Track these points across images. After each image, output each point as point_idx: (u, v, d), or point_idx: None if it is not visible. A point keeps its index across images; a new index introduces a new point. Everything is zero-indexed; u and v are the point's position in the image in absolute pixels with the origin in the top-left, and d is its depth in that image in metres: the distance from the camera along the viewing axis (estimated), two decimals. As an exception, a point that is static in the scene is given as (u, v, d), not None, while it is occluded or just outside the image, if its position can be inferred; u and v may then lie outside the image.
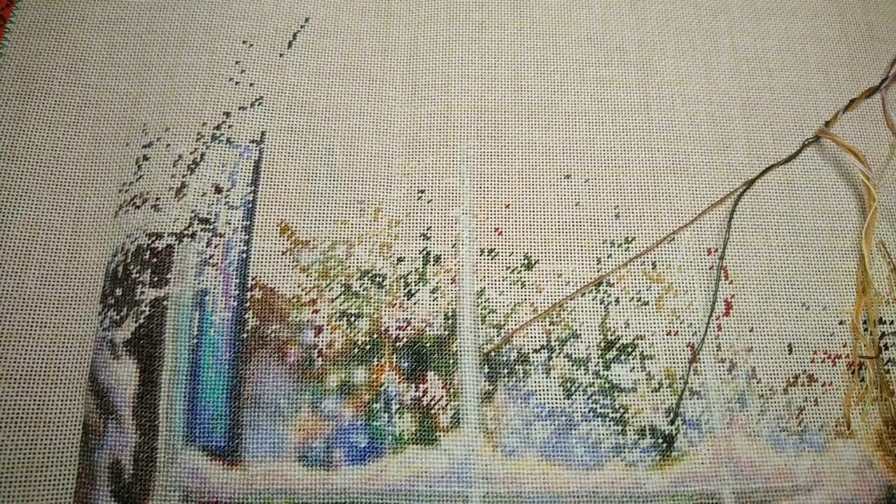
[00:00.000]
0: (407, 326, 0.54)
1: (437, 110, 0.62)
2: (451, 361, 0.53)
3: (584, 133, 0.61)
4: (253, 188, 0.57)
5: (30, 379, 0.52)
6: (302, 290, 0.54)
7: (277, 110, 0.60)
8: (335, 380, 0.52)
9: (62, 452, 0.51)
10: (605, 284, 0.56)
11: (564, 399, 0.52)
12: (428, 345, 0.53)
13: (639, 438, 0.51)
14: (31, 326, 0.53)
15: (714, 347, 0.54)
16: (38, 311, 0.54)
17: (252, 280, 0.54)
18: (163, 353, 0.52)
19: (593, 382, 0.53)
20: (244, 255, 0.55)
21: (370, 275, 0.55)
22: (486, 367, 0.53)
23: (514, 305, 0.55)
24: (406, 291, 0.55)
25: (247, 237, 0.56)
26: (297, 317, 0.54)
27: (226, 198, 0.57)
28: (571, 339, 0.54)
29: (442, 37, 0.65)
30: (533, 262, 0.56)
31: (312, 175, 0.58)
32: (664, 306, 0.55)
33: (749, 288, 0.56)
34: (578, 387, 0.53)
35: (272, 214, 0.57)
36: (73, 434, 0.52)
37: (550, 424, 0.52)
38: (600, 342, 0.54)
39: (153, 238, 0.55)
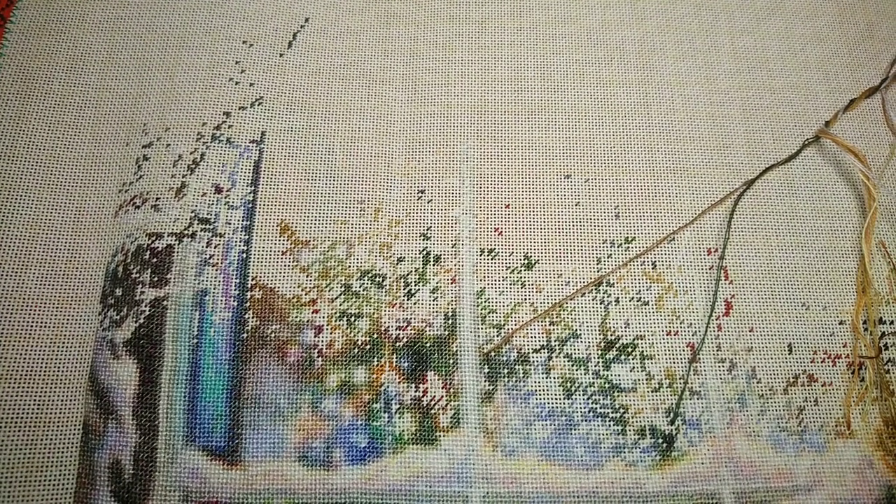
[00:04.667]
0: (407, 326, 0.54)
1: (437, 110, 0.62)
2: (451, 361, 0.53)
3: (584, 133, 0.61)
4: (253, 188, 0.57)
5: (30, 379, 0.52)
6: (302, 290, 0.54)
7: (277, 110, 0.60)
8: (335, 380, 0.52)
9: (62, 452, 0.51)
10: (605, 284, 0.56)
11: (564, 399, 0.52)
12: (428, 345, 0.53)
13: (639, 438, 0.51)
14: (31, 326, 0.53)
15: (714, 347, 0.54)
16: (37, 311, 0.54)
17: (252, 280, 0.54)
18: (163, 353, 0.52)
19: (593, 382, 0.53)
20: (244, 255, 0.55)
21: (370, 275, 0.55)
22: (486, 367, 0.53)
23: (514, 305, 0.55)
24: (406, 291, 0.55)
25: (247, 237, 0.56)
26: (297, 317, 0.54)
27: (226, 198, 0.57)
28: (571, 339, 0.54)
29: (442, 37, 0.65)
30: (533, 262, 0.56)
31: (312, 175, 0.58)
32: (664, 306, 0.55)
33: (749, 288, 0.56)
34: (578, 387, 0.53)
35: (272, 214, 0.57)
36: (73, 434, 0.52)
37: (550, 424, 0.52)
38: (600, 342, 0.54)
39: (153, 238, 0.55)
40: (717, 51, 0.66)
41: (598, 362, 0.53)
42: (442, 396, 0.52)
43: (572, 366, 0.53)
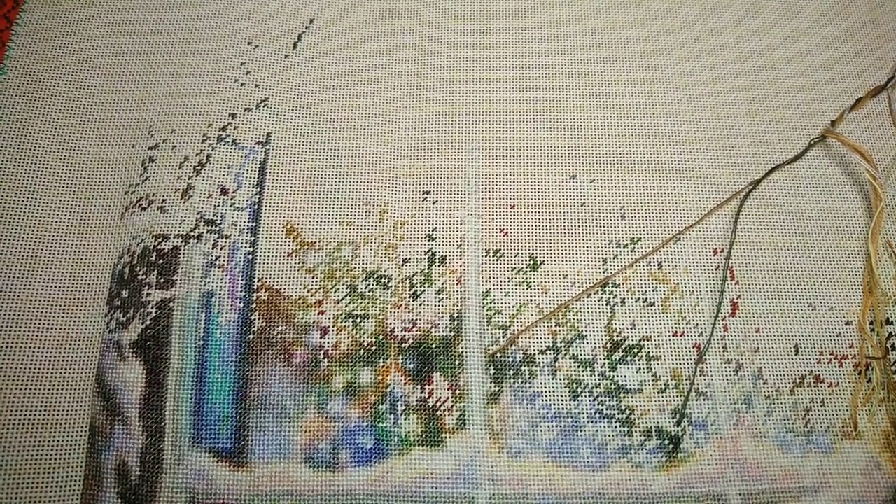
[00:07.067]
0: (412, 328, 0.54)
1: (443, 111, 0.62)
2: (457, 363, 0.53)
3: (589, 133, 0.61)
4: (258, 189, 0.57)
5: (37, 381, 0.52)
6: (308, 292, 0.55)
7: (283, 112, 0.60)
8: (341, 381, 0.52)
9: (69, 454, 0.51)
10: (610, 285, 0.56)
11: (570, 400, 0.52)
12: (433, 346, 0.53)
13: (645, 440, 0.51)
14: (38, 328, 0.54)
15: (720, 348, 0.54)
16: (44, 313, 0.54)
17: (258, 281, 0.54)
18: (169, 354, 0.52)
19: (599, 383, 0.53)
20: (250, 257, 0.55)
21: (376, 276, 0.55)
22: (491, 368, 0.53)
23: (520, 306, 0.55)
24: (412, 292, 0.55)
25: (252, 238, 0.56)
26: (302, 318, 0.54)
27: (231, 199, 0.57)
28: (577, 341, 0.54)
29: (447, 38, 0.65)
30: (538, 262, 0.56)
31: (318, 176, 0.58)
32: (670, 307, 0.55)
33: (755, 288, 0.56)
34: (584, 388, 0.53)
35: (278, 216, 0.57)
36: (80, 436, 0.52)
37: (556, 426, 0.51)
38: (606, 343, 0.54)
39: (159, 240, 0.55)
40: (723, 50, 0.66)
41: (604, 363, 0.53)
42: (448, 398, 0.52)
43: (578, 367, 0.53)
